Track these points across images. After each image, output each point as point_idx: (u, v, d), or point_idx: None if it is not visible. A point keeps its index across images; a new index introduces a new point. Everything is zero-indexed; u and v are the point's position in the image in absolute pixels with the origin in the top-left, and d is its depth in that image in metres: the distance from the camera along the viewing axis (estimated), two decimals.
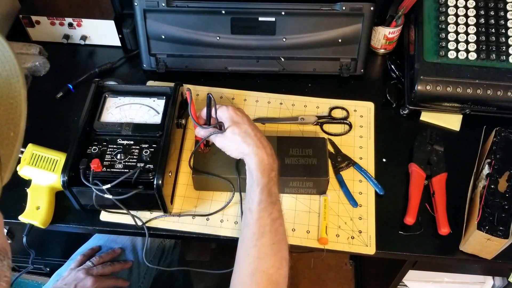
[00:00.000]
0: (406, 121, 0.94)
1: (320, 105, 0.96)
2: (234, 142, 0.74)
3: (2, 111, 0.42)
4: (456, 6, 0.91)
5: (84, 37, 1.05)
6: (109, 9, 1.00)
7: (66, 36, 1.05)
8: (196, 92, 0.98)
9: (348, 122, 0.93)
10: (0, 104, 0.42)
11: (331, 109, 0.96)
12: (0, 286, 0.44)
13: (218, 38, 0.96)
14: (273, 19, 0.93)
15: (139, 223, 0.79)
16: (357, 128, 0.93)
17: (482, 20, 0.90)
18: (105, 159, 0.77)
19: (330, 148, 0.89)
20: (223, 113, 0.76)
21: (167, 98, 0.85)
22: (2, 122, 0.41)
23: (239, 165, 0.81)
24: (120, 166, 0.76)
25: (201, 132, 0.78)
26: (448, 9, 0.91)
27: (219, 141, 0.76)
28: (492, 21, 0.90)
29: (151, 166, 0.76)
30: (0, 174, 0.40)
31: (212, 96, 0.75)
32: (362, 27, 0.94)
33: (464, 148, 0.90)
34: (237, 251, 0.70)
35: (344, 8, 0.91)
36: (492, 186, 0.76)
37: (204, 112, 0.79)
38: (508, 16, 0.90)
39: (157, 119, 0.82)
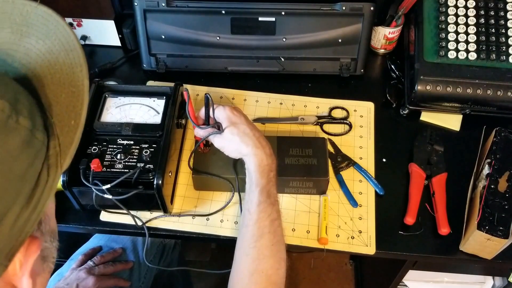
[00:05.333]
0: (406, 121, 0.94)
1: (320, 105, 0.96)
2: (232, 142, 0.74)
3: (64, 98, 0.42)
4: (456, 6, 0.91)
5: (84, 37, 1.05)
6: (109, 9, 1.00)
7: None
8: (196, 92, 0.98)
9: (348, 122, 0.93)
10: (62, 91, 0.42)
11: (331, 109, 0.96)
12: (48, 267, 0.46)
13: (218, 38, 0.96)
14: (273, 19, 0.93)
15: (139, 223, 0.79)
16: (357, 128, 0.93)
17: (482, 20, 0.90)
18: (105, 159, 0.77)
19: (330, 148, 0.89)
20: (220, 113, 0.76)
21: (167, 98, 0.85)
22: (62, 109, 0.42)
23: (237, 165, 0.81)
24: (120, 166, 0.76)
25: (200, 133, 0.78)
26: (448, 9, 0.91)
27: (217, 141, 0.76)
28: (492, 21, 0.90)
29: (151, 166, 0.76)
30: (59, 161, 0.40)
31: (210, 96, 0.75)
32: (362, 27, 0.94)
33: (464, 148, 0.90)
34: (235, 251, 0.70)
35: (344, 8, 0.91)
36: (492, 186, 0.76)
37: (202, 112, 0.79)
38: (508, 16, 0.90)
39: (157, 119, 0.82)
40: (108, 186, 0.72)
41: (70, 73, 0.43)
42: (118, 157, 0.77)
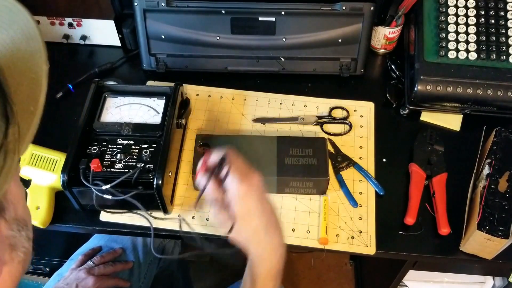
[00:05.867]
0: (406, 121, 0.94)
1: (320, 105, 0.96)
2: (239, 236, 0.61)
3: (25, 86, 0.42)
4: (456, 6, 0.91)
5: (84, 37, 1.05)
6: (109, 9, 1.00)
7: (66, 36, 1.05)
8: (196, 92, 0.98)
9: (348, 122, 0.93)
10: (23, 79, 0.43)
11: (331, 109, 0.96)
12: (17, 257, 0.45)
13: (218, 38, 0.96)
14: (273, 19, 0.93)
15: (148, 223, 0.77)
16: (357, 128, 0.93)
17: (482, 20, 0.90)
18: (105, 159, 0.77)
19: (330, 148, 0.89)
20: (232, 190, 0.59)
21: (167, 98, 0.85)
22: (24, 97, 0.42)
23: None
24: (120, 166, 0.76)
25: (202, 183, 0.61)
26: (448, 9, 0.91)
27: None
28: (492, 21, 0.90)
29: (151, 166, 0.76)
30: (17, 147, 0.41)
31: (227, 156, 0.60)
32: (362, 27, 0.94)
33: (464, 148, 0.90)
34: None
35: (344, 8, 0.91)
36: (492, 186, 0.76)
37: (213, 159, 0.62)
38: (508, 16, 0.90)
39: (157, 119, 0.82)
40: (108, 186, 0.72)
41: (31, 60, 0.43)
42: (118, 157, 0.77)
